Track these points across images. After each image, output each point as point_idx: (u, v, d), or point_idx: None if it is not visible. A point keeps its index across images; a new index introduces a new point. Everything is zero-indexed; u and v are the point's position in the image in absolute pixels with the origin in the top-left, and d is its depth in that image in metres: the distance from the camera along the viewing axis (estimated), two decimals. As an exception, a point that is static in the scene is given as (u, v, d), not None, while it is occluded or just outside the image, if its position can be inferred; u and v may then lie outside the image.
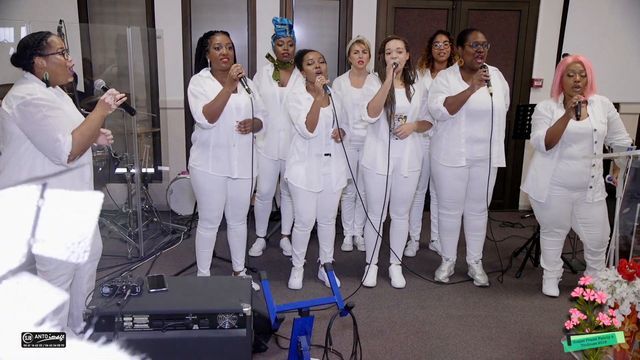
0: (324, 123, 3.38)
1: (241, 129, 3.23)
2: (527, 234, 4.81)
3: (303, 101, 3.38)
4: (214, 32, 3.22)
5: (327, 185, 3.50)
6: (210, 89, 3.17)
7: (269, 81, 3.95)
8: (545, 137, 3.27)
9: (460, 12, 5.23)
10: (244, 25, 5.19)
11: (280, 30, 3.85)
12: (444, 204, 3.77)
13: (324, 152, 3.44)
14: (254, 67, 5.15)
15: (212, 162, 3.24)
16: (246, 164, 3.32)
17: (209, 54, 3.20)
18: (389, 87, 3.33)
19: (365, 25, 5.14)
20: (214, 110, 3.11)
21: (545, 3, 5.29)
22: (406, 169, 3.52)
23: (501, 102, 3.48)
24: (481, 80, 3.33)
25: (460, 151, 3.55)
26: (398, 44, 3.38)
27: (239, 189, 3.39)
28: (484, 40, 3.44)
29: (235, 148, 3.25)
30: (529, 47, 5.35)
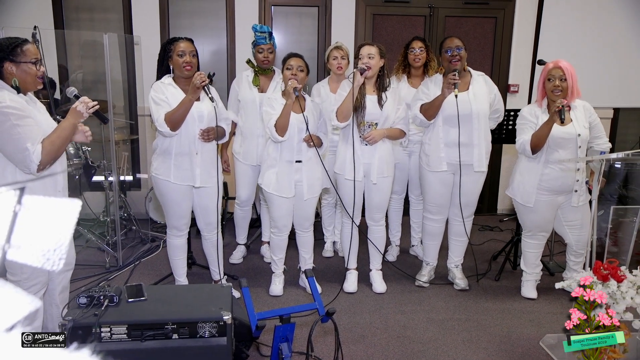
0: (296, 129, 3.38)
1: (204, 137, 3.21)
2: (506, 237, 4.87)
3: (277, 106, 3.39)
4: (178, 39, 3.19)
5: (299, 193, 3.49)
6: (172, 96, 3.15)
7: (248, 87, 3.95)
8: (531, 141, 3.33)
9: (437, 18, 5.29)
10: (223, 31, 5.18)
11: (260, 37, 3.85)
12: (428, 208, 3.80)
13: (295, 158, 3.44)
14: (232, 72, 5.14)
15: (174, 170, 3.21)
16: (209, 172, 3.29)
17: (172, 61, 3.18)
18: (355, 92, 3.37)
19: (344, 32, 5.18)
20: (177, 118, 3.09)
21: (520, 10, 5.38)
22: (375, 175, 3.54)
23: (482, 106, 3.51)
24: (449, 83, 3.38)
25: (440, 156, 3.59)
26: (370, 49, 3.42)
27: (205, 197, 3.35)
28: (456, 44, 3.48)
29: (197, 156, 3.22)
30: (504, 53, 5.44)
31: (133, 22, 5.08)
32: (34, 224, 0.48)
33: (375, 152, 3.53)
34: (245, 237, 4.36)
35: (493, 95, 3.60)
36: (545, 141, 3.31)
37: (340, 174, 3.59)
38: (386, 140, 3.58)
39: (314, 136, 3.45)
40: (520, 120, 3.48)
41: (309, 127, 3.41)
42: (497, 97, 3.62)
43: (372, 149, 3.52)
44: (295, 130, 3.38)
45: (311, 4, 5.20)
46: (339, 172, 3.60)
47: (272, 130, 3.32)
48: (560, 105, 3.17)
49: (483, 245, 4.75)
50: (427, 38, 5.06)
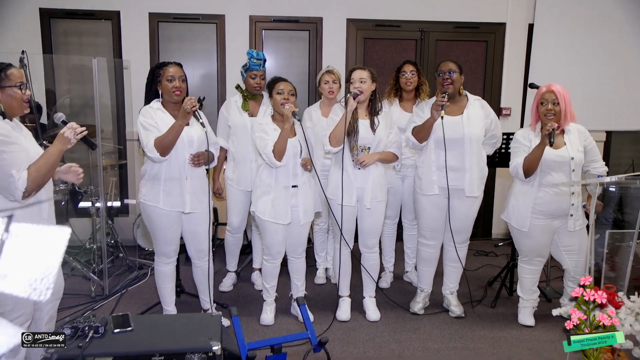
0: (291, 153, 3.39)
1: (194, 162, 3.22)
2: (501, 262, 4.86)
3: (270, 131, 3.39)
4: (167, 64, 3.22)
5: (295, 218, 3.49)
6: (161, 121, 3.15)
7: (238, 112, 3.97)
8: (523, 164, 3.37)
9: (428, 42, 5.37)
10: (213, 55, 5.23)
11: (254, 64, 3.89)
12: (422, 233, 3.79)
13: (291, 183, 3.44)
14: (223, 96, 5.17)
15: (163, 196, 3.20)
16: (199, 197, 3.29)
17: (161, 86, 3.20)
18: (348, 116, 3.40)
19: (335, 56, 5.24)
20: (167, 144, 3.09)
21: (510, 34, 5.48)
22: (369, 200, 3.54)
23: (475, 130, 3.53)
24: (437, 105, 3.42)
25: (431, 179, 3.61)
26: (362, 74, 3.46)
27: (195, 223, 3.34)
28: (449, 68, 3.53)
29: (187, 181, 3.22)
30: (496, 76, 5.52)
31: (122, 46, 5.12)
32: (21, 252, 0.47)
33: (369, 176, 3.53)
34: (235, 264, 4.33)
35: (490, 120, 3.62)
36: (538, 164, 3.34)
37: (333, 199, 3.59)
38: (379, 165, 3.59)
39: (310, 160, 3.47)
40: (514, 144, 3.53)
41: (302, 151, 3.43)
42: (494, 123, 3.65)
43: (365, 173, 3.53)
44: (290, 154, 3.38)
45: (302, 28, 5.27)
46: (331, 197, 3.60)
47: (270, 156, 3.32)
48: (550, 128, 3.21)
49: (478, 271, 4.74)
50: (418, 62, 5.13)
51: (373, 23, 5.31)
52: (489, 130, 3.63)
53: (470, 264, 4.75)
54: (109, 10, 5.09)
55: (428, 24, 5.36)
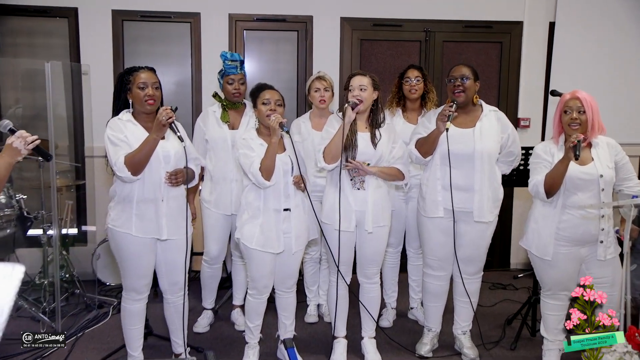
0: (282, 171, 3.39)
1: (171, 181, 3.22)
2: (522, 297, 4.84)
3: (255, 147, 3.39)
4: (138, 69, 3.23)
5: (286, 246, 3.47)
6: (132, 134, 3.16)
7: (217, 124, 3.97)
8: (544, 182, 3.34)
9: (434, 44, 5.43)
10: (187, 59, 5.25)
11: (230, 67, 3.90)
12: (428, 262, 3.79)
13: (282, 206, 3.43)
14: (198, 107, 5.19)
15: (135, 221, 3.19)
16: (178, 222, 3.28)
17: (132, 94, 3.21)
18: (346, 129, 3.40)
19: (327, 59, 5.27)
20: (139, 161, 3.09)
21: (529, 33, 5.53)
22: (370, 224, 3.53)
23: (488, 146, 3.54)
24: (442, 115, 3.45)
25: (436, 199, 3.62)
26: (362, 80, 3.48)
27: (171, 252, 3.32)
28: (462, 73, 3.55)
29: (163, 203, 3.22)
30: (512, 82, 5.57)
31: (81, 48, 5.11)
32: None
33: (369, 198, 3.53)
34: (213, 301, 4.30)
35: (506, 135, 3.63)
36: (561, 182, 3.30)
37: (328, 223, 3.57)
38: (382, 184, 3.59)
39: (302, 178, 3.47)
40: (534, 159, 3.51)
41: (294, 168, 3.43)
42: (512, 138, 3.66)
43: (365, 194, 3.53)
44: (280, 172, 3.39)
45: (289, 27, 5.31)
46: (326, 222, 3.58)
47: (257, 176, 3.31)
48: (575, 139, 3.17)
49: (495, 307, 4.72)
50: (423, 66, 5.12)
51: (371, 22, 5.36)
52: (505, 147, 3.64)
53: (485, 299, 4.74)
54: (66, 6, 5.09)
55: (434, 23, 5.41)
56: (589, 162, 3.34)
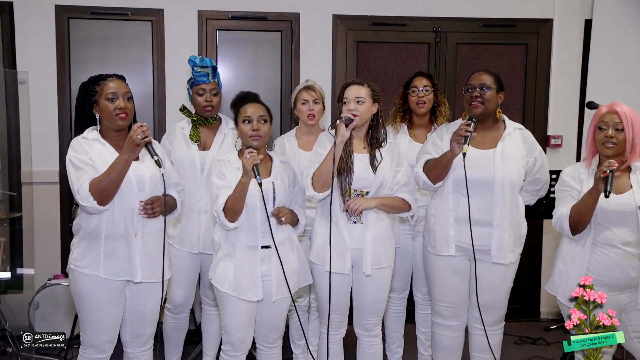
0: (258, 200, 3.39)
1: (147, 212, 3.25)
2: (555, 353, 4.87)
3: (229, 173, 3.43)
4: (105, 77, 3.28)
5: (265, 293, 3.47)
6: (99, 156, 3.19)
7: (185, 143, 4.03)
8: (570, 216, 3.36)
9: (446, 46, 5.52)
10: (148, 65, 5.32)
11: (199, 74, 3.97)
12: (437, 309, 3.82)
13: (259, 242, 3.44)
14: (161, 123, 5.25)
15: (103, 260, 3.20)
16: (153, 262, 3.29)
17: (99, 108, 3.24)
18: (339, 150, 3.43)
19: (317, 66, 5.33)
20: (107, 187, 3.11)
21: (560, 33, 5.62)
22: (369, 265, 3.58)
23: (511, 172, 3.59)
24: (458, 136, 3.48)
25: (447, 234, 3.67)
26: (359, 91, 3.53)
27: (144, 298, 3.35)
28: (482, 82, 3.59)
29: (137, 239, 3.24)
30: (540, 93, 5.66)
31: (17, 51, 5.15)
32: None
33: (368, 233, 3.58)
34: (179, 358, 4.32)
35: (533, 159, 3.68)
36: (590, 218, 3.33)
37: (318, 264, 3.62)
38: (383, 216, 3.65)
39: (285, 210, 3.49)
40: (560, 187, 3.54)
41: (276, 198, 3.47)
42: (540, 162, 3.71)
43: (363, 229, 3.58)
44: (257, 202, 3.40)
45: (272, 27, 5.38)
46: (316, 262, 3.63)
47: (218, 214, 3.34)
48: (607, 169, 3.15)
49: (523, 366, 4.72)
50: (433, 73, 5.15)
51: (369, 21, 5.45)
52: (530, 173, 3.70)
53: (509, 355, 4.77)
54: (-3, 2, 5.12)
55: (445, 21, 5.51)
56: (626, 190, 3.36)
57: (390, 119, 4.34)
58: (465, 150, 3.44)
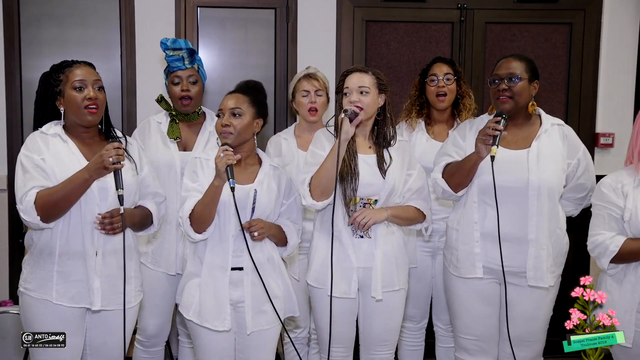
0: (231, 211, 3.44)
1: (105, 227, 3.29)
2: (603, 395, 4.97)
3: (204, 174, 3.51)
4: (72, 63, 3.35)
5: (239, 323, 3.53)
6: (55, 156, 3.26)
7: (161, 141, 4.12)
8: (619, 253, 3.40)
9: (473, 26, 5.61)
10: (115, 49, 5.43)
11: (173, 59, 4.07)
12: (461, 343, 3.90)
13: (229, 263, 3.49)
14: (131, 117, 5.35)
15: (56, 282, 3.25)
16: (117, 286, 3.33)
17: (63, 99, 3.30)
18: (342, 150, 3.48)
19: (318, 50, 5.43)
20: (57, 204, 3.17)
21: (613, 9, 5.69)
22: (379, 288, 3.64)
23: (550, 176, 3.63)
24: (485, 135, 3.52)
25: (472, 253, 3.73)
26: (362, 79, 3.61)
27: (107, 329, 3.39)
28: (511, 70, 3.64)
29: (98, 258, 3.29)
30: (587, 82, 5.75)
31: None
32: None
33: (378, 249, 3.66)
34: (152, 400, 4.40)
35: (575, 160, 3.73)
36: None
37: (318, 287, 3.72)
38: (394, 229, 3.75)
39: (261, 223, 3.51)
40: (597, 200, 3.55)
41: (255, 209, 3.52)
42: (584, 165, 3.76)
43: (371, 244, 3.67)
44: (229, 213, 3.46)
45: (264, 4, 5.48)
46: (315, 285, 3.73)
47: (184, 222, 3.42)
48: None
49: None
50: (456, 59, 5.29)
51: None
52: (572, 178, 3.76)
53: None
54: None
55: None
56: None
57: (405, 113, 4.46)
58: (494, 153, 3.48)
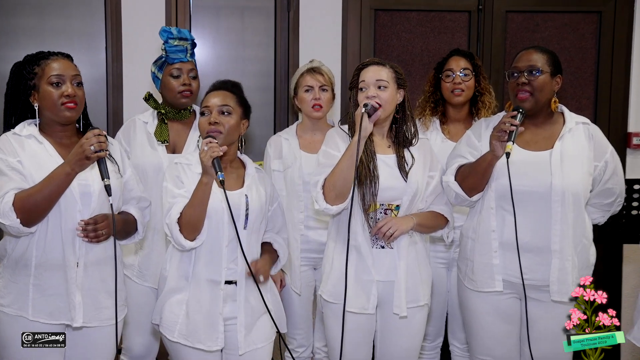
0: (226, 218, 3.46)
1: (88, 234, 3.28)
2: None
3: (187, 178, 3.51)
4: (48, 55, 3.35)
5: (229, 341, 3.53)
6: (32, 158, 3.26)
7: (148, 143, 4.13)
8: None
9: (492, 15, 5.62)
10: (99, 40, 5.44)
11: (176, 50, 4.07)
12: None
13: (223, 276, 3.49)
14: (117, 115, 5.37)
15: (33, 297, 3.24)
16: (100, 301, 3.35)
17: (38, 95, 3.30)
18: (360, 147, 3.43)
19: (323, 42, 5.46)
20: (38, 204, 3.16)
21: None
22: (404, 303, 3.64)
23: (574, 180, 3.63)
24: (500, 131, 3.51)
25: (490, 264, 3.73)
26: (380, 72, 3.60)
27: (89, 348, 3.39)
28: (531, 63, 3.65)
29: (79, 270, 3.29)
30: (618, 77, 5.77)
31: None
32: None
33: (401, 260, 3.66)
34: None
35: (603, 163, 3.73)
36: None
37: (333, 302, 3.69)
38: (417, 238, 3.74)
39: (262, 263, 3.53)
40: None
41: (249, 215, 3.52)
42: (612, 168, 3.75)
43: (393, 256, 3.65)
44: (223, 218, 3.46)
45: None
46: (330, 300, 3.71)
47: (172, 229, 3.38)
48: None
49: None
50: (475, 52, 5.30)
51: None
52: (599, 182, 3.75)
53: None
54: None
55: None
56: None
57: (418, 111, 4.47)
58: (510, 150, 3.46)
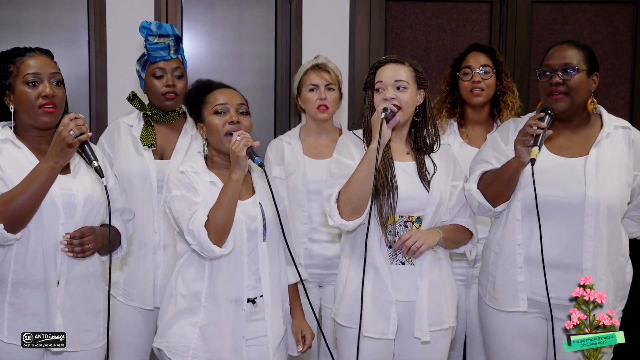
0: (245, 232, 3.43)
1: (74, 249, 3.25)
2: None
3: (201, 187, 3.45)
4: (24, 52, 3.32)
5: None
6: (11, 164, 3.23)
7: (133, 148, 4.11)
8: None
9: (517, 6, 5.60)
10: (82, 35, 5.45)
11: (156, 47, 4.06)
12: None
13: (245, 294, 3.46)
14: (101, 116, 5.37)
15: (9, 317, 3.21)
16: (83, 321, 3.33)
17: (14, 96, 3.26)
18: (379, 154, 3.39)
19: (328, 36, 5.45)
20: (21, 206, 3.11)
21: None
22: (426, 326, 3.60)
23: (610, 191, 3.56)
24: (526, 135, 3.44)
25: (514, 281, 3.68)
26: (399, 72, 3.57)
27: None
28: (562, 60, 3.58)
29: (60, 288, 3.25)
30: None
31: None
32: None
33: (424, 279, 3.61)
34: None
35: None
36: None
37: (347, 326, 3.66)
38: (441, 254, 3.70)
39: None
40: None
41: (267, 226, 3.49)
42: None
43: (415, 274, 3.61)
44: (242, 232, 3.43)
45: None
46: (345, 324, 3.67)
47: (200, 236, 3.27)
48: None
49: None
50: (496, 47, 5.30)
51: None
52: (638, 193, 3.72)
53: None
54: None
55: None
56: None
57: (434, 112, 4.29)
58: (535, 155, 3.38)
